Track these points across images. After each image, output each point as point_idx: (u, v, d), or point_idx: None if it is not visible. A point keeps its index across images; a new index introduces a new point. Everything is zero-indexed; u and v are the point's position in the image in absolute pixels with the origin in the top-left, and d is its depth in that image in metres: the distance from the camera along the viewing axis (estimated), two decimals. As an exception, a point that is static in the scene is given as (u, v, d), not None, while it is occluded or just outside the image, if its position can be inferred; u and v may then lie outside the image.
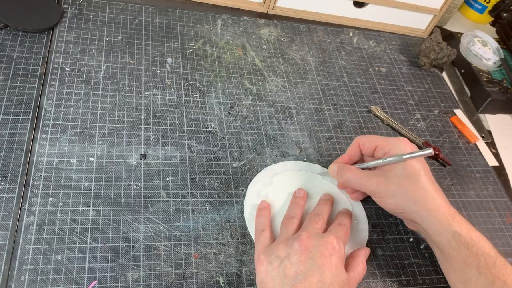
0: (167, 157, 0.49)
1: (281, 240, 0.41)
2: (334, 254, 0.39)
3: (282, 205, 0.47)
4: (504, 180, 0.61)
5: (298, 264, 0.38)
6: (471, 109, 0.70)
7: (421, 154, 0.43)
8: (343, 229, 0.43)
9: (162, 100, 0.54)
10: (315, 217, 0.44)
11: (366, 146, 0.47)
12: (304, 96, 0.61)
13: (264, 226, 0.44)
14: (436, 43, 0.70)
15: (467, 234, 0.41)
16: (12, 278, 0.37)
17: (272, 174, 0.50)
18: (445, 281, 0.48)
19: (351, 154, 0.49)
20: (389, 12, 0.74)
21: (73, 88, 0.51)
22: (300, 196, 0.47)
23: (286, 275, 0.37)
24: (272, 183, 0.49)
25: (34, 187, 0.43)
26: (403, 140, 0.45)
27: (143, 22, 0.62)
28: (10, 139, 0.45)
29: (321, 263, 0.38)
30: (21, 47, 0.53)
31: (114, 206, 0.44)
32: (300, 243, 0.39)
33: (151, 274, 0.40)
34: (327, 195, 0.48)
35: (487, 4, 0.87)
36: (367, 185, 0.45)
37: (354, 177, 0.46)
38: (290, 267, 0.38)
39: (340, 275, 0.38)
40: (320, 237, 0.40)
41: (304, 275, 0.37)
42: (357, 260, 0.42)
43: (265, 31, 0.68)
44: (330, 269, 0.38)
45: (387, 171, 0.45)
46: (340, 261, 0.39)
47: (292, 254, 0.38)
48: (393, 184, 0.44)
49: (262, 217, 0.45)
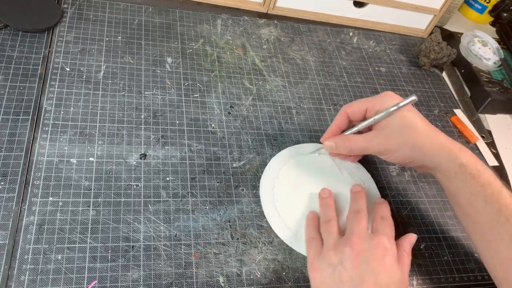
0: (167, 157, 0.49)
1: (329, 247, 0.40)
2: (387, 254, 0.39)
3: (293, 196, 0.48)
4: (504, 180, 0.61)
5: (352, 269, 0.38)
6: (471, 109, 0.70)
7: (407, 102, 0.44)
8: (387, 223, 0.43)
9: (162, 100, 0.54)
10: (357, 215, 0.43)
11: (356, 113, 0.47)
12: (304, 96, 0.61)
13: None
14: (436, 43, 0.70)
15: (474, 166, 0.42)
16: (12, 278, 0.37)
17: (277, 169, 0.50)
18: (445, 281, 0.48)
19: (340, 124, 0.49)
20: (389, 12, 0.74)
21: (73, 88, 0.51)
22: (327, 196, 0.47)
23: (341, 281, 0.37)
24: (278, 177, 0.49)
25: (34, 187, 0.43)
26: (389, 93, 0.46)
27: (143, 22, 0.62)
28: (10, 139, 0.45)
29: (375, 266, 0.38)
30: (21, 47, 0.53)
31: (114, 206, 0.44)
32: (351, 248, 0.39)
33: (151, 274, 0.40)
34: (358, 186, 0.48)
35: (487, 4, 0.87)
36: (371, 148, 0.46)
37: (356, 145, 0.46)
38: (345, 273, 0.38)
39: (396, 274, 0.38)
40: (371, 239, 0.40)
41: (359, 279, 0.37)
42: (401, 253, 0.41)
43: (265, 31, 0.68)
44: (385, 270, 0.38)
45: (384, 128, 0.45)
46: (394, 260, 0.39)
47: (345, 260, 0.38)
48: (395, 139, 0.44)
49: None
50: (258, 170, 0.51)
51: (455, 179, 0.42)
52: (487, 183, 0.41)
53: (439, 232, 0.51)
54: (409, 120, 0.44)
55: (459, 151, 0.43)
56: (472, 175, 0.41)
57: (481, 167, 0.42)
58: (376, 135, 0.45)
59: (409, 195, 0.54)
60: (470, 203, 0.42)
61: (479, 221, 0.41)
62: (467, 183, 0.42)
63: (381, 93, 0.47)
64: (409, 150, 0.44)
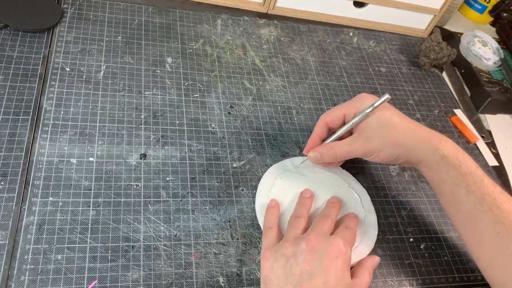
0: (167, 157, 0.49)
1: (288, 239, 0.41)
2: (340, 256, 0.39)
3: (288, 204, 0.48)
4: (504, 180, 0.61)
5: (304, 263, 0.38)
6: (471, 109, 0.70)
7: (381, 101, 0.45)
8: (350, 232, 0.43)
9: (162, 100, 0.54)
10: (324, 218, 0.44)
11: (335, 120, 0.48)
12: (304, 96, 0.61)
13: (272, 224, 0.44)
14: (436, 43, 0.70)
15: (455, 156, 0.42)
16: (12, 278, 0.37)
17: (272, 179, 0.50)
18: (445, 281, 0.48)
19: (320, 134, 0.49)
20: (389, 12, 0.74)
21: (73, 88, 0.51)
22: (307, 196, 0.47)
23: (291, 273, 0.38)
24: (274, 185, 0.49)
25: (34, 187, 0.43)
26: (364, 95, 0.47)
27: (143, 22, 0.62)
28: (10, 139, 0.45)
29: (327, 265, 0.38)
30: (21, 47, 0.53)
31: (114, 206, 0.44)
32: (307, 243, 0.39)
33: (151, 274, 0.40)
34: (335, 197, 0.48)
35: (487, 4, 0.87)
36: (354, 151, 0.46)
37: (340, 152, 0.47)
38: (296, 266, 0.38)
39: (345, 279, 0.38)
40: (327, 239, 0.40)
41: (309, 275, 0.37)
42: (364, 269, 0.42)
43: (265, 31, 0.68)
44: (336, 271, 0.38)
45: (364, 130, 0.45)
46: (346, 265, 0.39)
47: (299, 253, 0.38)
48: (376, 138, 0.45)
49: (270, 215, 0.45)
50: (258, 170, 0.51)
51: (438, 171, 0.43)
52: (468, 172, 0.41)
53: (439, 232, 0.51)
54: (387, 118, 0.45)
55: (439, 143, 0.43)
56: (454, 165, 0.42)
57: (461, 157, 0.42)
58: (357, 138, 0.46)
59: (409, 195, 0.54)
60: (453, 193, 0.42)
61: (463, 211, 0.42)
62: (449, 174, 0.42)
63: (356, 96, 0.47)
64: (391, 148, 0.44)
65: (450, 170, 0.42)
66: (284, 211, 0.47)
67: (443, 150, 0.43)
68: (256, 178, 0.50)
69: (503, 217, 0.39)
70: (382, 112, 0.45)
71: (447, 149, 0.43)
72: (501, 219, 0.39)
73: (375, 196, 0.52)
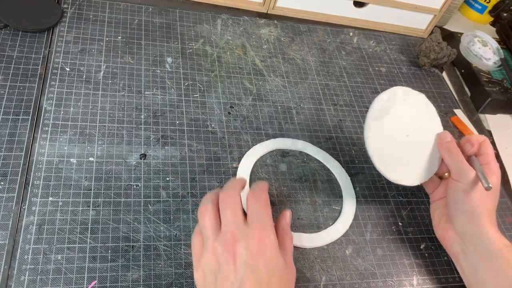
0: (167, 157, 0.49)
1: (209, 246, 0.36)
2: (265, 247, 0.35)
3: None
4: (504, 180, 0.61)
5: (231, 273, 0.35)
6: (471, 109, 0.70)
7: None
8: (260, 208, 0.38)
9: (162, 100, 0.54)
10: (228, 207, 0.37)
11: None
12: (304, 96, 0.61)
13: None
14: (436, 43, 0.70)
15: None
16: (12, 278, 0.37)
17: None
18: (445, 281, 0.48)
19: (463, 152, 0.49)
20: (389, 12, 0.74)
21: (73, 88, 0.51)
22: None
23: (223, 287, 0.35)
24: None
25: (34, 187, 0.43)
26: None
27: (143, 22, 0.62)
28: (10, 139, 0.45)
29: (255, 263, 0.35)
30: (21, 47, 0.53)
31: (114, 206, 0.44)
32: (227, 250, 0.35)
33: (151, 274, 0.40)
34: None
35: (487, 4, 0.87)
36: (446, 193, 0.47)
37: (450, 167, 0.47)
38: (226, 280, 0.35)
39: (277, 264, 0.36)
40: (245, 234, 0.36)
41: (239, 282, 0.34)
42: (282, 235, 0.39)
43: (265, 31, 0.68)
44: (265, 265, 0.35)
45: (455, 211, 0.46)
46: (274, 250, 0.36)
47: (224, 264, 0.35)
48: (457, 221, 0.46)
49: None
50: (258, 170, 0.51)
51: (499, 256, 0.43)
52: None
53: (439, 232, 0.51)
54: (482, 224, 0.44)
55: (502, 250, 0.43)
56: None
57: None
58: (453, 195, 0.46)
59: (409, 195, 0.54)
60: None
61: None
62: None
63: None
64: (464, 222, 0.45)
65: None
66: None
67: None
68: (256, 178, 0.50)
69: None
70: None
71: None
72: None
73: (375, 196, 0.52)
